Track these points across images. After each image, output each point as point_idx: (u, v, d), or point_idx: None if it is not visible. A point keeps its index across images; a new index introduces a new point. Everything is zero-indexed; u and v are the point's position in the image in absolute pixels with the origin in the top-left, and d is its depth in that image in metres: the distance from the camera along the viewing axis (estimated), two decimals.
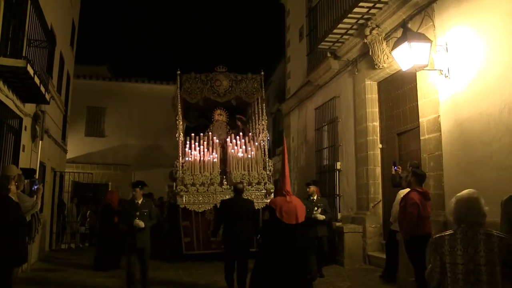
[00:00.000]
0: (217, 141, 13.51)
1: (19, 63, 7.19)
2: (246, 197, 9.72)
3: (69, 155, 19.41)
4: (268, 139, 13.56)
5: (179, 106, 13.35)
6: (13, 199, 5.98)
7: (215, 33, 54.72)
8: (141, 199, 8.50)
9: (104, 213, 11.66)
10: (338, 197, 12.86)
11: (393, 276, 8.46)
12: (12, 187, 6.00)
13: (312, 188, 10.22)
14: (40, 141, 11.00)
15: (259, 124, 13.87)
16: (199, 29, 54.82)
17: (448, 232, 3.67)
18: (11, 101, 8.36)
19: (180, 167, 12.55)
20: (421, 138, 8.78)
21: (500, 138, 6.78)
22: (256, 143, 13.50)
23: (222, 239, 8.64)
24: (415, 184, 7.02)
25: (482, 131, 7.17)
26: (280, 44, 19.93)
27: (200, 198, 12.28)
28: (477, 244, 3.47)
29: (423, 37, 7.98)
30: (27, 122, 9.87)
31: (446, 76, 8.03)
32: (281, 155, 8.02)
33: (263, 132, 13.50)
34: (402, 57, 8.01)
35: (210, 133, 13.91)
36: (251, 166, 12.72)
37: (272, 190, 12.54)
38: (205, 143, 13.15)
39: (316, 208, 9.84)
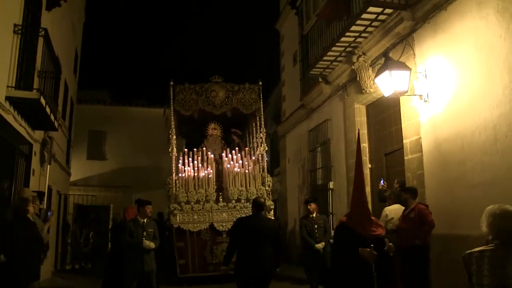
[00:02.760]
0: (212, 156, 12.88)
1: (33, 95, 7.88)
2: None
3: (71, 178, 19.98)
4: (265, 155, 13.27)
5: (172, 119, 12.63)
6: (31, 219, 6.63)
7: (212, 57, 55.56)
8: (146, 218, 8.01)
9: (115, 233, 10.50)
10: (331, 215, 13.38)
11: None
12: (30, 208, 6.66)
13: (313, 206, 9.86)
14: (48, 166, 11.63)
15: (256, 137, 13.45)
16: (197, 53, 55.66)
17: (478, 249, 3.30)
18: (23, 128, 9.00)
19: (174, 184, 11.94)
20: (405, 158, 9.36)
21: (473, 157, 7.39)
22: (254, 157, 13.03)
23: (235, 268, 6.64)
24: (412, 199, 7.71)
25: (457, 151, 7.78)
26: (277, 67, 20.42)
27: (195, 217, 11.65)
28: (507, 263, 3.08)
29: (403, 66, 8.63)
30: (36, 147, 10.51)
31: (425, 101, 8.66)
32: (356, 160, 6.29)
33: (261, 146, 13.05)
34: (384, 84, 8.65)
35: (204, 148, 13.28)
36: (249, 182, 12.25)
37: (272, 207, 12.14)
38: (199, 158, 12.57)
39: (316, 229, 9.56)
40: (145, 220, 7.96)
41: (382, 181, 9.98)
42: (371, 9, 9.25)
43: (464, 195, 7.53)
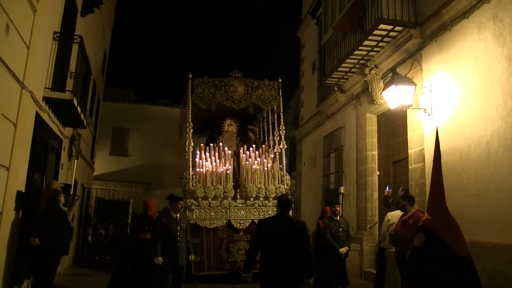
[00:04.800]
0: (229, 152, 12.48)
1: (67, 96, 8.66)
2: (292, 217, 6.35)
3: (94, 173, 20.80)
4: (283, 153, 12.79)
5: (189, 112, 12.31)
6: (62, 209, 7.48)
7: (235, 60, 56.35)
8: (179, 214, 8.19)
9: (133, 226, 9.84)
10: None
11: None
12: (61, 199, 7.52)
13: (339, 208, 9.92)
14: (76, 160, 12.41)
15: (274, 135, 13.30)
16: (220, 56, 56.51)
17: None
18: (55, 125, 9.80)
19: (190, 179, 11.67)
20: (409, 167, 9.92)
21: (468, 169, 7.95)
22: (272, 155, 12.74)
23: (260, 276, 5.53)
24: (409, 206, 8.01)
25: (455, 163, 8.32)
26: (297, 72, 20.88)
27: (212, 213, 11.37)
28: None
29: (409, 81, 9.21)
30: (65, 143, 11.29)
31: (429, 114, 9.23)
32: (435, 154, 5.78)
33: (279, 143, 12.81)
34: (391, 97, 9.24)
35: (220, 144, 12.89)
36: (268, 179, 12.01)
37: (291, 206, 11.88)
38: (217, 153, 12.29)
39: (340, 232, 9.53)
40: (178, 215, 8.12)
41: (387, 188, 10.54)
42: (382, 26, 9.87)
43: (460, 204, 8.05)
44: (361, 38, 10.72)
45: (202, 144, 12.75)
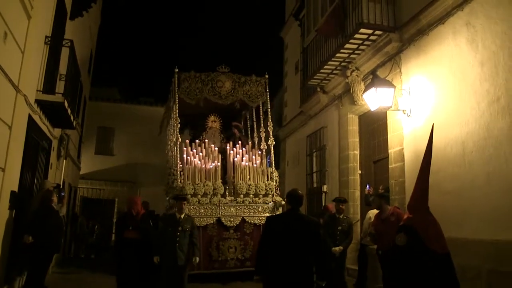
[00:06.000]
0: (216, 148, 12.39)
1: (58, 98, 8.89)
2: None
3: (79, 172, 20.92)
4: (272, 149, 12.61)
5: (175, 107, 12.12)
6: (54, 208, 7.76)
7: (219, 62, 56.57)
8: (184, 214, 8.08)
9: (118, 226, 9.41)
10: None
11: (364, 285, 9.67)
12: (54, 198, 7.80)
13: (344, 207, 9.58)
14: (64, 160, 12.62)
15: (260, 132, 13.06)
16: (205, 56, 56.63)
17: None
18: (45, 126, 10.01)
19: (178, 176, 11.43)
20: (390, 166, 10.28)
21: (445, 168, 8.31)
22: (259, 152, 12.59)
23: (264, 278, 5.24)
24: (386, 205, 8.28)
25: (433, 162, 8.52)
26: (281, 72, 21.16)
27: (202, 211, 10.98)
28: None
29: (388, 84, 9.56)
30: (55, 144, 11.50)
31: (408, 115, 9.61)
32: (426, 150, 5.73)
33: (268, 140, 12.62)
34: (371, 99, 9.58)
35: (206, 140, 12.79)
36: (257, 176, 11.91)
37: (282, 202, 11.55)
38: (204, 150, 12.13)
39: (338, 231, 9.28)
40: (181, 216, 8.02)
41: (368, 187, 10.91)
42: (363, 30, 10.24)
43: (437, 202, 8.33)
44: (343, 41, 11.07)
45: (187, 141, 12.69)
